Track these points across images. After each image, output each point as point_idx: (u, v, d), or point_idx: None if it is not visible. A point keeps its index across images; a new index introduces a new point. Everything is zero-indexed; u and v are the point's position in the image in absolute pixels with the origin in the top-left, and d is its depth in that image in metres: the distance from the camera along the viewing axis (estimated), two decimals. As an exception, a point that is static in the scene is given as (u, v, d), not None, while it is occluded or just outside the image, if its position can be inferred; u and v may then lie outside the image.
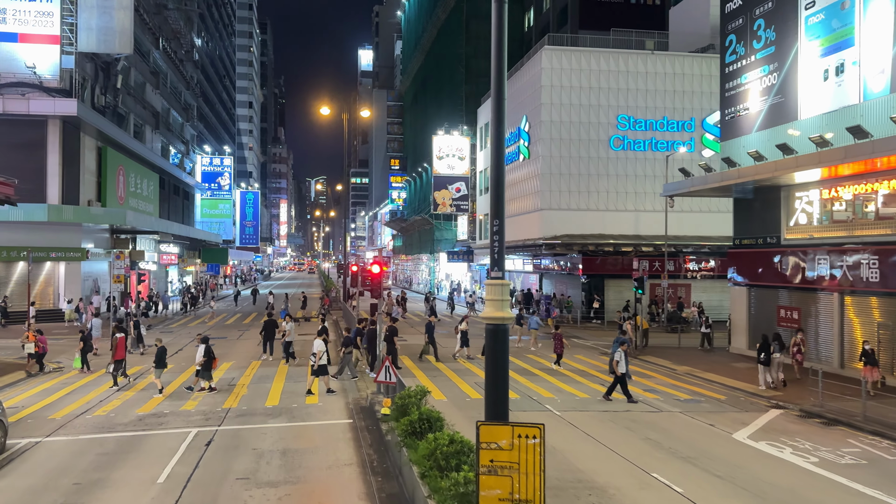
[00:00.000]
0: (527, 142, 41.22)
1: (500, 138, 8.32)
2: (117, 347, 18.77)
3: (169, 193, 58.36)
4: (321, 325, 20.85)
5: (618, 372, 16.79)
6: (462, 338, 24.34)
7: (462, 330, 24.45)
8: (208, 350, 17.60)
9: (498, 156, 8.39)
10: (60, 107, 32.83)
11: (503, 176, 8.58)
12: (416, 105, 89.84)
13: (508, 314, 8.38)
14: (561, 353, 22.39)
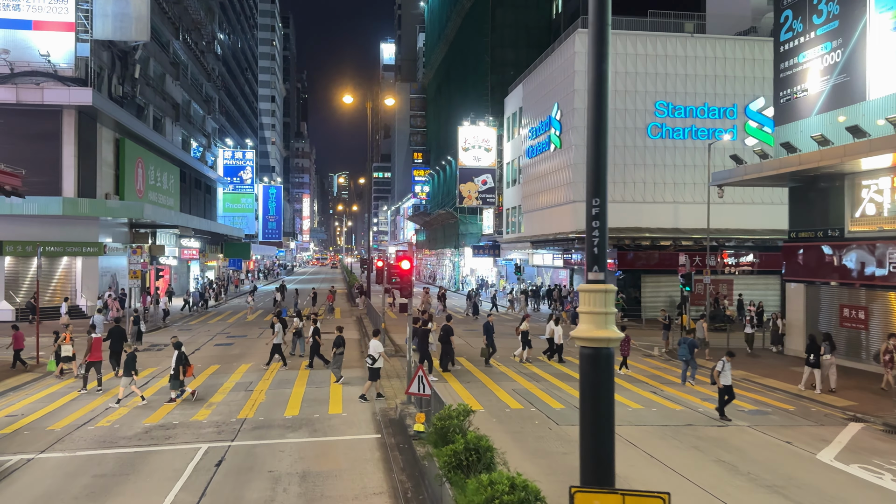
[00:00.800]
0: (558, 131, 39.29)
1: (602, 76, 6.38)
2: (92, 348, 17.40)
3: (190, 187, 57.38)
4: (327, 327, 19.27)
5: (720, 383, 14.86)
6: (523, 338, 22.60)
7: (522, 330, 22.71)
8: (181, 357, 15.98)
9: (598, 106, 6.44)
10: (75, 96, 31.67)
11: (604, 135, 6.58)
12: (439, 97, 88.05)
13: (615, 333, 6.21)
14: (625, 356, 20.81)
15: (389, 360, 21.44)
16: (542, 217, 42.92)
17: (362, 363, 21.10)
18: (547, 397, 16.45)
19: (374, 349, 16.31)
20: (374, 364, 16.22)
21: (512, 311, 41.07)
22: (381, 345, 16.56)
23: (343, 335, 18.92)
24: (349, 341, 26.75)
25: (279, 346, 21.12)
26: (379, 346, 16.44)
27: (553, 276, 47.62)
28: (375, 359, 16.24)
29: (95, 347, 17.47)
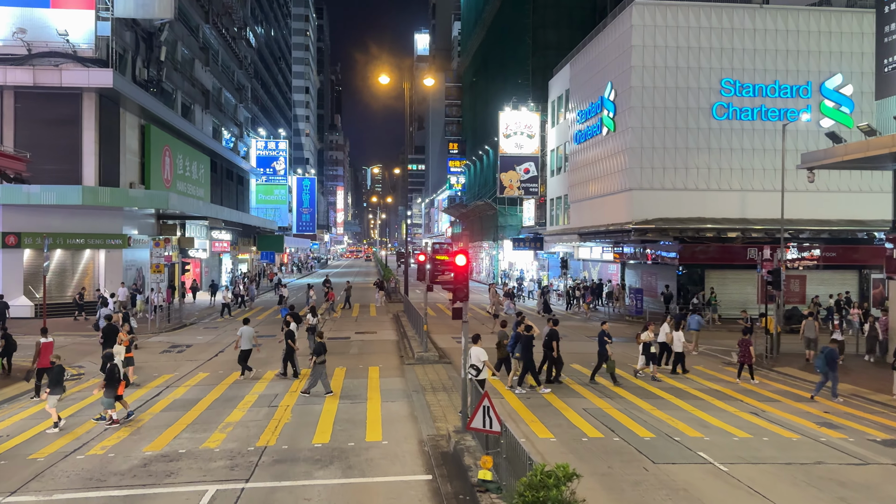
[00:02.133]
0: (612, 112, 36.08)
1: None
2: (40, 354, 15.29)
3: (221, 178, 55.57)
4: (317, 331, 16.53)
5: None
6: (646, 350, 18.26)
7: (645, 341, 18.27)
8: (111, 370, 13.27)
9: None
10: (95, 78, 29.66)
11: None
12: (475, 85, 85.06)
13: None
14: (750, 363, 17.91)
15: (435, 368, 18.80)
16: (591, 207, 39.80)
17: (401, 373, 18.49)
18: (628, 421, 13.58)
19: (476, 357, 13.70)
20: (479, 375, 13.62)
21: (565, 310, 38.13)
22: (484, 353, 13.94)
23: (324, 341, 16.34)
24: (384, 343, 24.20)
25: (292, 353, 18.29)
26: (482, 354, 13.80)
27: (601, 271, 44.49)
28: (480, 369, 13.65)
29: (44, 353, 15.24)
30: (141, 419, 13.73)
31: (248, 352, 18.02)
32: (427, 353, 20.01)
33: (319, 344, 16.02)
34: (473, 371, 13.75)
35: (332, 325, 29.65)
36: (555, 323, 17.52)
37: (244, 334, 18.05)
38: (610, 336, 17.53)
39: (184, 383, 17.34)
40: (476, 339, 14.26)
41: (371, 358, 21.00)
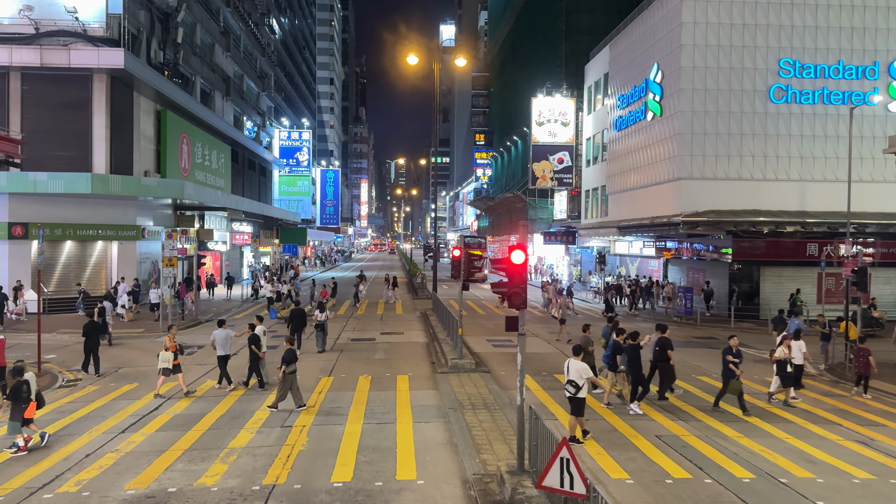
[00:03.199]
0: (658, 96, 33.39)
1: None
2: None
3: (243, 168, 53.83)
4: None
5: None
6: (780, 369, 14.64)
7: (779, 358, 14.66)
8: (15, 389, 11.15)
9: None
10: (106, 58, 27.80)
11: None
12: (503, 74, 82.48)
13: None
14: (867, 375, 15.58)
15: (472, 379, 16.51)
16: (632, 199, 37.16)
17: (433, 383, 16.23)
18: (716, 454, 11.18)
19: (575, 373, 11.46)
20: (578, 393, 11.41)
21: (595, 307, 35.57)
22: (587, 367, 11.65)
23: (294, 348, 14.24)
24: (413, 346, 21.98)
25: (257, 361, 15.88)
26: (585, 368, 11.54)
27: (640, 267, 41.84)
28: (580, 386, 11.39)
29: None
30: (132, 441, 11.67)
31: (225, 358, 15.96)
32: (462, 360, 17.74)
33: (289, 351, 13.91)
34: (572, 388, 11.49)
35: (356, 325, 27.54)
36: (662, 330, 15.03)
37: (217, 338, 15.97)
38: (739, 354, 14.17)
39: (195, 394, 15.27)
40: (577, 351, 11.96)
41: (399, 364, 18.80)
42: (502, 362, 19.09)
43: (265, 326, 16.78)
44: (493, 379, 16.60)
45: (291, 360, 13.74)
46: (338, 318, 29.66)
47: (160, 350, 15.08)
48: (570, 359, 11.84)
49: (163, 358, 14.93)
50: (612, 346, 14.59)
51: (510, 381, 16.51)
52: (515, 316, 9.56)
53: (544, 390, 15.65)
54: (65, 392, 15.56)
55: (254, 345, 15.61)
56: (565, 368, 11.76)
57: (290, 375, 13.68)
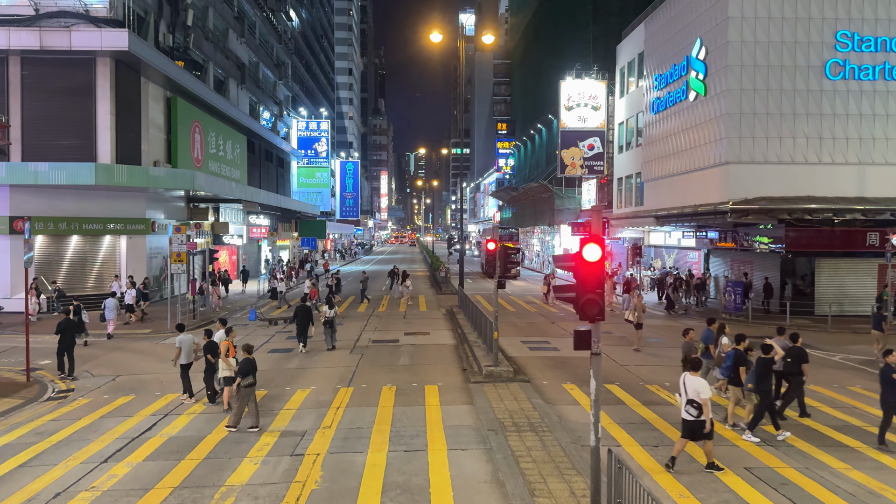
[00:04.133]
0: (701, 74, 30.85)
1: None
2: None
3: (260, 159, 52.11)
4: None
5: None
6: None
7: None
8: None
9: None
10: (109, 39, 26.01)
11: None
12: (526, 60, 79.93)
13: None
14: None
15: (511, 390, 14.41)
16: (671, 186, 34.69)
17: (467, 396, 14.14)
18: (825, 494, 8.98)
19: (693, 391, 9.50)
20: (700, 416, 9.49)
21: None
22: (705, 384, 9.62)
23: (253, 357, 12.29)
24: (440, 349, 19.91)
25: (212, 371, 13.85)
26: (704, 386, 9.54)
27: (678, 259, 39.39)
28: (699, 404, 9.44)
29: None
30: (114, 474, 9.76)
31: (188, 367, 14.17)
32: (498, 367, 15.63)
33: (245, 362, 12.02)
34: (693, 410, 9.50)
35: (378, 324, 25.56)
36: (793, 339, 12.71)
37: (184, 345, 14.13)
38: None
39: (188, 409, 13.39)
40: (697, 365, 9.90)
41: (426, 371, 16.76)
42: (542, 369, 16.97)
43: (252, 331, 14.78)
44: (534, 390, 14.48)
45: (248, 372, 11.89)
46: (358, 317, 27.73)
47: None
48: (686, 374, 9.84)
49: (224, 366, 13.10)
50: (734, 357, 12.11)
51: (555, 394, 14.39)
52: (587, 330, 7.43)
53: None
54: (51, 406, 13.76)
55: (210, 353, 13.69)
56: (681, 386, 9.78)
57: (246, 389, 11.83)
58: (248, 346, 12.54)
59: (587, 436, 11.13)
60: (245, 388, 11.84)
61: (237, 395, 11.91)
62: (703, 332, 14.32)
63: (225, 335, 13.93)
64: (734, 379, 11.97)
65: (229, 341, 13.50)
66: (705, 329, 14.35)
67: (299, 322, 19.61)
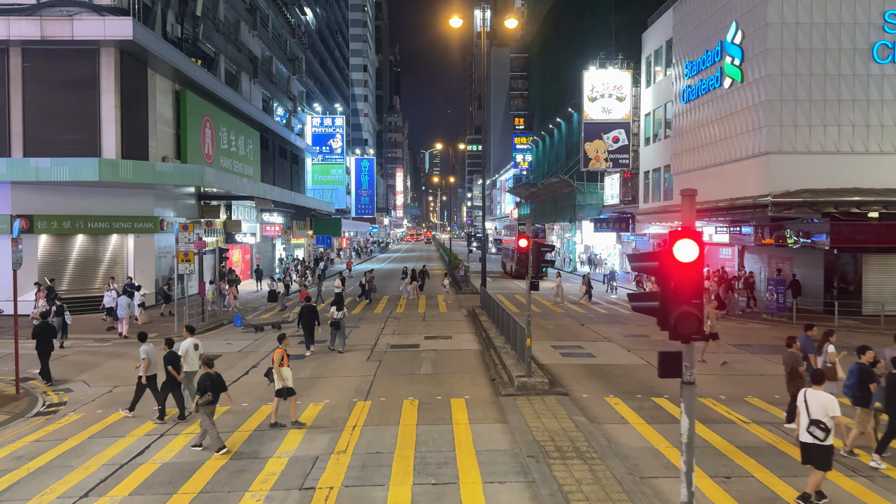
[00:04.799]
0: (738, 59, 29.02)
1: None
2: None
3: (273, 155, 50.85)
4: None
5: None
6: None
7: None
8: None
9: None
10: (112, 28, 24.74)
11: None
12: (544, 53, 78.14)
13: None
14: None
15: (547, 404, 12.86)
16: (704, 179, 32.89)
17: (499, 412, 12.61)
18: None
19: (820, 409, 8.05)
20: (827, 439, 8.03)
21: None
22: (833, 401, 8.13)
23: (215, 371, 10.89)
24: (464, 355, 18.38)
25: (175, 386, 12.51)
26: (832, 403, 8.08)
27: (709, 256, 37.57)
28: (829, 428, 8.00)
29: None
30: (94, 511, 8.37)
31: (155, 378, 12.86)
32: (532, 378, 14.07)
33: (205, 378, 10.65)
34: (820, 433, 7.99)
35: (396, 326, 24.10)
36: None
37: (151, 356, 12.79)
38: None
39: (186, 429, 11.99)
40: (819, 378, 8.48)
41: (451, 382, 15.24)
42: (579, 379, 15.39)
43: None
44: (574, 405, 12.92)
45: (206, 388, 10.53)
46: (375, 318, 26.30)
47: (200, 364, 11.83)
48: (808, 389, 8.36)
49: (285, 376, 11.86)
50: (858, 372, 10.24)
51: (598, 409, 12.81)
52: (676, 352, 5.85)
53: (647, 423, 11.89)
54: (37, 423, 12.43)
55: (171, 365, 12.34)
56: (801, 403, 8.25)
57: (206, 408, 10.52)
58: (208, 358, 11.21)
59: (644, 464, 9.62)
60: (204, 407, 10.54)
61: (202, 415, 10.64)
62: (801, 339, 12.34)
63: (279, 342, 12.81)
64: (861, 398, 10.19)
65: (283, 349, 12.22)
66: (802, 336, 12.43)
67: (305, 323, 18.81)
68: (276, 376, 11.92)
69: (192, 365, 12.88)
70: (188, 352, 12.93)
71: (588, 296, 31.26)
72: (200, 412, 10.61)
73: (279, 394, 11.90)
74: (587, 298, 31.15)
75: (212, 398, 10.62)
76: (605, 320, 25.44)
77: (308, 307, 19.07)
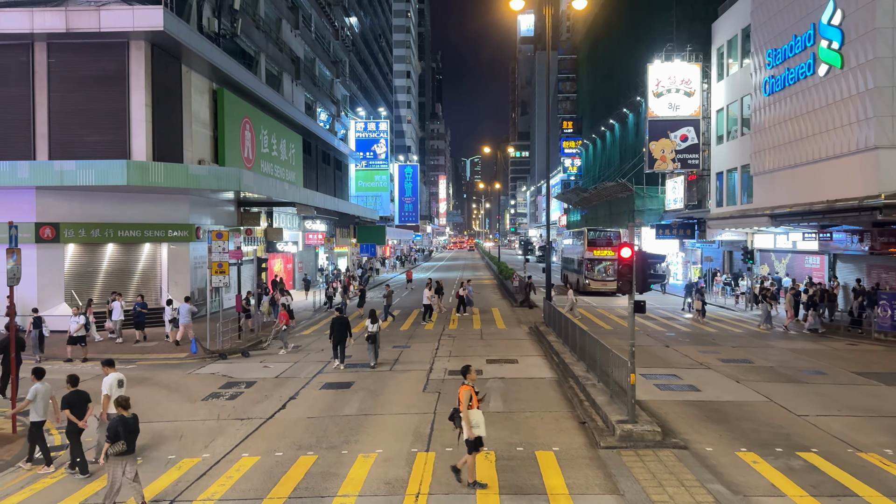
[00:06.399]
0: (836, 42, 25.48)
1: None
2: None
3: (316, 161, 48.84)
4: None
5: None
6: None
7: None
8: None
9: None
10: (142, 18, 22.73)
11: None
12: (594, 54, 74.85)
13: None
14: None
15: (662, 460, 9.85)
16: (792, 179, 29.32)
17: (604, 473, 9.65)
18: None
19: None
20: None
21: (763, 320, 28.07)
22: None
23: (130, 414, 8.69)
24: (539, 385, 15.40)
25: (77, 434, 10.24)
26: None
27: (791, 265, 33.90)
28: None
29: None
30: None
31: (40, 425, 10.50)
32: (638, 425, 11.07)
33: (117, 422, 8.56)
34: None
35: (451, 346, 21.32)
36: None
37: (39, 396, 10.48)
38: None
39: (210, 485, 9.42)
40: None
41: (530, 424, 12.36)
42: (691, 422, 12.32)
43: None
44: (700, 464, 9.90)
45: (117, 437, 8.42)
46: (426, 336, 23.58)
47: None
48: None
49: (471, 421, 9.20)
50: None
51: (734, 471, 9.74)
52: None
53: (813, 497, 8.77)
54: (25, 478, 10.02)
55: (71, 409, 10.05)
56: None
57: (116, 458, 8.40)
58: (123, 399, 8.93)
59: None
60: (114, 458, 8.41)
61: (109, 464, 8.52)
62: None
63: (463, 375, 9.77)
64: None
65: (470, 386, 9.41)
66: None
67: (335, 335, 17.93)
68: (465, 422, 9.18)
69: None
70: (112, 389, 10.46)
71: (701, 312, 27.48)
72: (109, 462, 8.44)
73: (470, 446, 9.14)
74: (699, 315, 27.43)
75: (125, 448, 8.41)
76: (690, 340, 22.20)
77: (339, 318, 18.23)
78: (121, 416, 8.65)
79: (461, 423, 9.21)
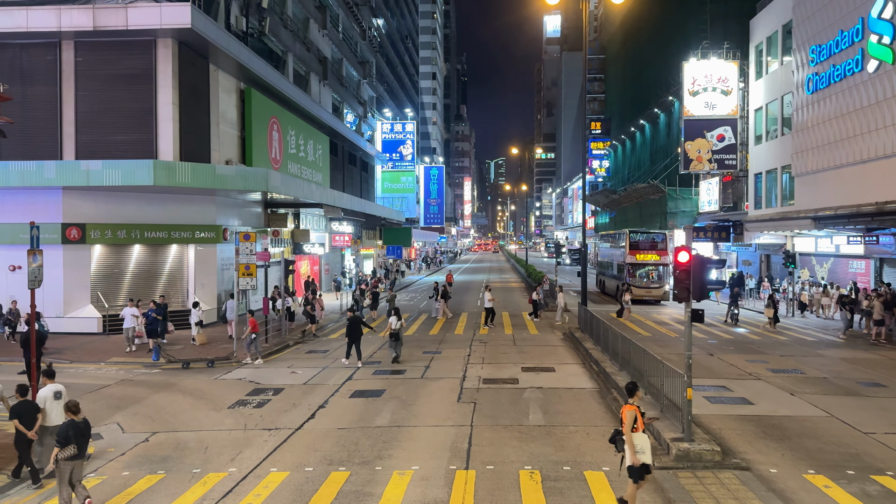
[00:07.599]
0: (888, 36, 24.25)
1: None
2: None
3: (343, 162, 48.45)
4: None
5: None
6: None
7: None
8: None
9: None
10: (169, 15, 22.37)
11: None
12: (624, 53, 73.54)
13: None
14: None
15: (724, 483, 9.00)
16: (837, 180, 28.10)
17: (656, 492, 8.82)
18: None
19: None
20: None
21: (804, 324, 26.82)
22: None
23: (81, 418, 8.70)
24: (580, 397, 14.53)
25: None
26: None
27: (834, 269, 32.56)
28: None
29: None
30: None
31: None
32: (695, 444, 10.23)
33: (67, 426, 8.47)
34: None
35: (484, 353, 20.56)
36: None
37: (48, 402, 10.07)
38: None
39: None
40: None
41: (575, 440, 11.56)
42: (750, 440, 11.42)
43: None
44: (766, 488, 9.04)
45: (67, 441, 8.30)
46: (456, 342, 22.86)
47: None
48: None
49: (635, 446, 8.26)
50: None
51: (804, 497, 8.87)
52: None
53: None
54: (42, 494, 9.48)
55: (20, 419, 9.50)
56: None
57: (65, 463, 8.30)
58: (73, 404, 8.69)
59: None
60: (64, 463, 8.17)
61: (56, 471, 8.35)
62: None
63: (629, 394, 8.88)
64: None
65: (636, 406, 8.45)
66: None
67: (351, 334, 18.57)
68: (628, 446, 8.31)
69: (53, 418, 9.81)
70: (46, 402, 9.87)
71: (773, 320, 26.07)
72: (59, 468, 8.19)
73: (633, 474, 8.22)
74: (772, 323, 26.02)
75: (76, 451, 8.31)
76: (735, 348, 21.18)
77: (354, 318, 18.71)
78: (71, 420, 8.53)
79: (623, 447, 8.34)
